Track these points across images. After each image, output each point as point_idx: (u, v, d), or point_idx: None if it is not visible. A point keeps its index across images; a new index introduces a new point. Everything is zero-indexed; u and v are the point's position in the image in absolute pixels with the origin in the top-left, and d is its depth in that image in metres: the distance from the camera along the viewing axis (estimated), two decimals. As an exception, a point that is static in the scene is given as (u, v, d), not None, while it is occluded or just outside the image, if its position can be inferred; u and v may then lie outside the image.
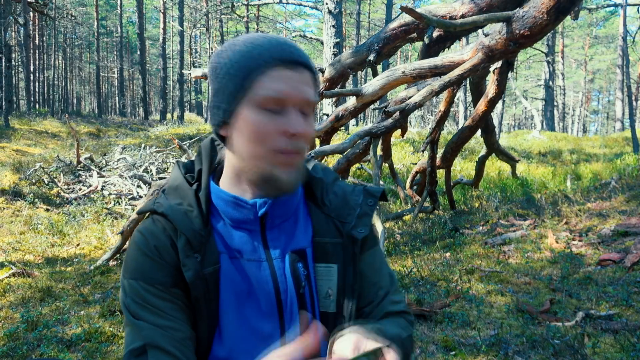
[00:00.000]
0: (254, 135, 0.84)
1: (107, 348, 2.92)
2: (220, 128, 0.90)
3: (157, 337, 0.83)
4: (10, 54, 16.34)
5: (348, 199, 0.99)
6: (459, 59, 4.74)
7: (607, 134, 32.09)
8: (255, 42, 0.86)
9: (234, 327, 0.89)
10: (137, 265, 0.89)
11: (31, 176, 8.44)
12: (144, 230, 0.92)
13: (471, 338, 2.86)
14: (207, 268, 0.88)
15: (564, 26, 29.21)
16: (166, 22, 27.32)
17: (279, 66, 0.83)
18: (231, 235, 0.92)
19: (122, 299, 0.89)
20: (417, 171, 7.05)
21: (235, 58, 0.85)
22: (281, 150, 0.85)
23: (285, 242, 0.94)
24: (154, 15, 40.27)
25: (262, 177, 0.88)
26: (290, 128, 0.84)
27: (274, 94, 0.83)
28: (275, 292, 0.91)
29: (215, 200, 0.93)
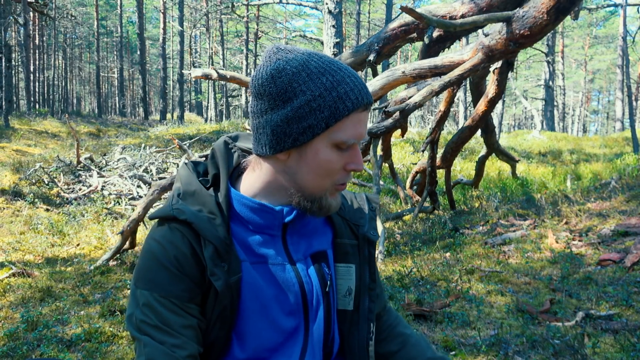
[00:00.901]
0: (322, 170, 0.87)
1: (107, 348, 2.91)
2: (282, 153, 0.88)
3: (159, 355, 0.82)
4: (10, 54, 16.34)
5: (358, 203, 1.06)
6: (459, 59, 4.74)
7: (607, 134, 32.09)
8: (337, 76, 0.85)
9: (256, 329, 0.90)
10: (153, 276, 0.87)
11: (31, 176, 8.44)
12: (162, 239, 0.88)
13: (471, 338, 2.86)
14: (232, 277, 0.88)
15: (564, 26, 29.21)
16: (166, 22, 27.32)
17: (359, 110, 0.85)
18: (253, 241, 0.92)
19: (131, 310, 0.87)
20: (417, 171, 7.05)
21: (317, 90, 0.83)
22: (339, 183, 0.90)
23: (306, 245, 0.97)
24: (154, 15, 40.26)
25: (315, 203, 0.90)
26: (355, 166, 0.89)
27: (351, 139, 0.86)
28: (301, 292, 0.94)
29: (237, 207, 0.92)
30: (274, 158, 0.89)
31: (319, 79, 0.84)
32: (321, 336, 0.96)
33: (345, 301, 0.99)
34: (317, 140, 0.85)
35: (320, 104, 0.83)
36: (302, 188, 0.89)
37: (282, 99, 0.84)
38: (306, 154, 0.86)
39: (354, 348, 0.98)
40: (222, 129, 15.80)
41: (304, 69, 0.84)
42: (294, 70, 0.84)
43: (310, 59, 0.86)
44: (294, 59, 0.86)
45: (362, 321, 0.99)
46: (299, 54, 0.87)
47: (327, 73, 0.85)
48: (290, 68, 0.85)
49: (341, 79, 0.85)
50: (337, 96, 0.83)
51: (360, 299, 0.99)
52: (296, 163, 0.88)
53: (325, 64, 0.86)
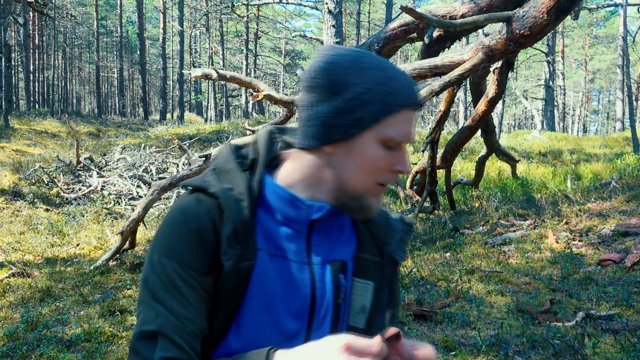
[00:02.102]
0: (368, 167, 0.86)
1: (106, 348, 2.91)
2: (329, 145, 0.88)
3: (170, 327, 0.82)
4: (10, 54, 16.34)
5: (390, 222, 1.03)
6: (459, 59, 4.74)
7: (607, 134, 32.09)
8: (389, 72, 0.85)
9: (257, 323, 0.89)
10: (173, 245, 0.86)
11: (31, 176, 8.44)
12: (186, 209, 0.88)
13: (471, 338, 2.85)
14: (244, 262, 0.87)
15: (564, 26, 29.20)
16: (166, 22, 27.32)
17: (409, 108, 0.85)
18: (277, 231, 0.91)
19: (147, 274, 0.86)
20: (417, 171, 7.05)
21: (370, 84, 0.84)
22: (383, 184, 0.89)
23: (328, 250, 0.94)
24: (154, 15, 40.26)
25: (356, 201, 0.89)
26: (401, 167, 0.88)
27: (400, 137, 0.85)
28: (311, 296, 0.91)
29: (269, 195, 0.91)
30: (319, 151, 0.89)
31: (371, 73, 0.84)
32: None
33: (358, 318, 0.96)
34: (366, 134, 0.85)
35: (371, 96, 0.84)
36: (345, 184, 0.88)
37: (332, 91, 0.85)
38: (354, 148, 0.86)
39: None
40: (222, 129, 15.80)
41: (355, 63, 0.85)
42: (346, 63, 0.85)
43: (362, 55, 0.87)
44: (347, 55, 0.87)
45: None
46: (350, 51, 0.88)
47: (379, 69, 0.85)
48: (343, 62, 0.86)
49: (393, 75, 0.85)
50: (388, 90, 0.84)
51: (374, 318, 0.97)
52: (343, 157, 0.87)
53: (377, 61, 0.87)
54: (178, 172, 5.95)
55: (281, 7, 31.44)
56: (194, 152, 10.69)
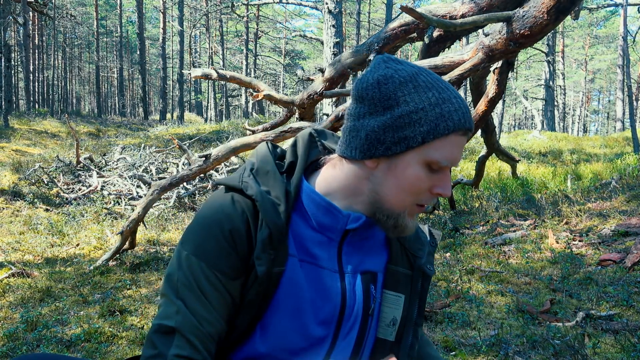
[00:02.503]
0: (408, 186, 0.84)
1: (106, 348, 2.91)
2: (371, 159, 0.86)
3: (188, 327, 0.82)
4: (10, 54, 16.34)
5: (419, 234, 1.02)
6: (459, 58, 4.74)
7: (607, 134, 32.08)
8: (444, 94, 0.83)
9: (284, 327, 0.88)
10: (204, 243, 0.85)
11: (31, 176, 8.44)
12: (221, 208, 0.86)
13: (471, 338, 2.85)
14: (276, 267, 0.86)
15: (564, 26, 29.21)
16: (166, 22, 27.31)
17: (459, 133, 0.83)
18: (309, 238, 0.90)
19: (173, 270, 0.85)
20: (417, 171, 7.05)
21: (422, 104, 0.81)
22: (421, 204, 0.87)
23: (358, 261, 0.94)
24: (154, 15, 40.25)
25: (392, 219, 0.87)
26: (442, 191, 0.85)
27: (445, 161, 0.83)
28: (341, 305, 0.91)
29: (305, 200, 0.90)
30: (360, 163, 0.87)
31: (425, 93, 0.82)
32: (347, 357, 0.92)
33: (388, 331, 0.95)
34: (410, 154, 0.83)
35: (421, 117, 0.81)
36: (383, 200, 0.86)
37: (383, 106, 0.83)
38: (396, 166, 0.84)
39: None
40: (222, 129, 15.81)
41: (411, 80, 0.83)
42: (401, 79, 0.83)
43: (420, 72, 0.85)
44: (403, 70, 0.84)
45: (402, 356, 0.95)
46: (408, 66, 0.85)
47: (434, 89, 0.83)
48: (398, 77, 0.84)
49: (447, 97, 0.83)
50: (440, 113, 0.81)
51: (403, 331, 0.96)
52: (383, 173, 0.85)
53: (433, 81, 0.84)
54: (178, 172, 5.94)
55: (281, 7, 31.45)
56: (193, 152, 10.69)
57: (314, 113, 6.78)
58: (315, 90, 6.07)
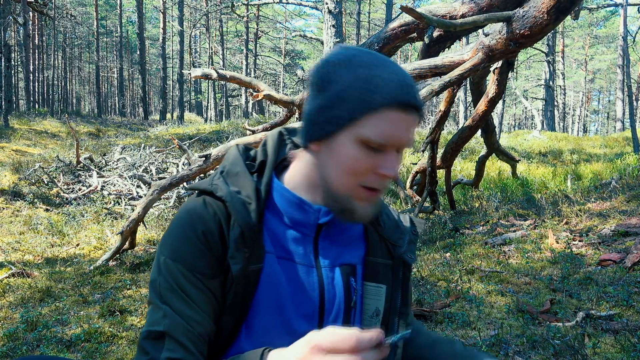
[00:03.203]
0: (346, 167, 0.83)
1: (106, 348, 2.91)
2: (313, 143, 0.86)
3: (177, 329, 0.82)
4: (10, 54, 16.33)
5: (399, 224, 1.01)
6: (459, 58, 4.74)
7: (607, 134, 32.09)
8: (375, 70, 0.80)
9: (267, 325, 0.88)
10: (180, 247, 0.86)
11: (31, 176, 8.44)
12: (193, 212, 0.87)
13: (471, 338, 2.85)
14: (252, 265, 0.86)
15: (564, 26, 29.21)
16: (166, 22, 27.31)
17: (394, 107, 0.79)
18: (284, 235, 0.90)
19: (154, 276, 0.86)
20: (417, 171, 7.05)
21: (350, 81, 0.80)
22: (367, 187, 0.84)
23: (336, 254, 0.93)
24: (154, 15, 40.25)
25: (339, 204, 0.86)
26: (384, 170, 0.83)
27: (379, 139, 0.80)
28: (320, 299, 0.91)
29: (277, 198, 0.91)
30: (310, 150, 0.88)
31: (356, 71, 0.81)
32: None
33: (372, 322, 0.95)
34: (343, 133, 0.82)
35: (349, 93, 0.80)
36: (328, 183, 0.86)
37: (319, 88, 0.84)
38: (334, 147, 0.83)
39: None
40: (222, 129, 15.80)
41: (346, 61, 0.82)
42: (337, 61, 0.83)
43: (359, 54, 0.83)
44: (343, 53, 0.84)
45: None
46: (353, 49, 0.85)
47: (368, 67, 0.81)
48: (335, 59, 0.84)
49: (379, 73, 0.80)
50: (367, 88, 0.79)
51: (388, 322, 0.96)
52: (326, 156, 0.85)
53: (370, 59, 0.82)
54: (178, 172, 5.95)
55: (281, 7, 31.45)
56: (193, 152, 10.69)
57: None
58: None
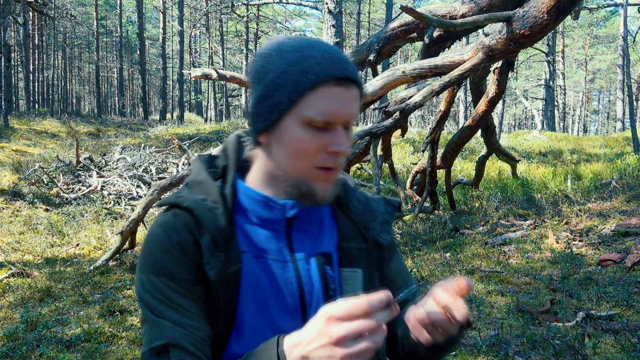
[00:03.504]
0: (295, 150, 0.84)
1: (106, 348, 2.91)
2: (260, 135, 0.88)
3: (179, 337, 0.82)
4: (10, 54, 16.33)
5: (370, 206, 1.01)
6: (459, 58, 4.74)
7: (607, 134, 32.09)
8: (305, 52, 0.83)
9: (254, 325, 0.89)
10: (157, 260, 0.87)
11: (31, 176, 8.43)
12: (165, 224, 0.89)
13: (471, 338, 2.85)
14: (230, 267, 0.87)
15: (564, 26, 29.20)
16: (166, 22, 27.32)
17: (330, 83, 0.81)
18: (256, 234, 0.91)
19: (140, 295, 0.87)
20: (417, 171, 7.05)
21: (283, 66, 0.82)
22: (321, 167, 0.85)
23: (310, 245, 0.94)
24: (154, 15, 40.25)
25: (299, 190, 0.87)
26: (334, 147, 0.84)
27: (321, 116, 0.81)
28: (299, 292, 0.91)
29: (243, 199, 0.92)
30: (261, 144, 0.89)
31: (288, 56, 0.83)
32: None
33: None
34: (286, 118, 0.83)
35: (284, 79, 0.82)
36: (285, 172, 0.87)
37: (256, 81, 0.86)
38: (281, 135, 0.84)
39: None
40: (222, 129, 15.80)
41: (276, 50, 0.84)
42: (267, 52, 0.85)
43: (287, 41, 0.85)
44: (273, 43, 0.86)
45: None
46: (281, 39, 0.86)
47: (297, 50, 0.83)
48: (266, 50, 0.86)
49: (310, 54, 0.82)
50: (300, 70, 0.81)
51: None
52: (275, 146, 0.86)
53: (300, 43, 0.84)
54: (178, 172, 5.94)
55: (281, 7, 31.45)
56: (193, 152, 10.69)
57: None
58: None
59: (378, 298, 0.69)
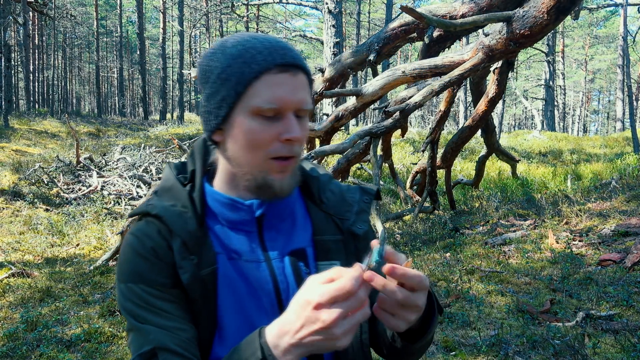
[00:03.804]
0: (248, 142, 0.84)
1: (106, 348, 2.91)
2: (214, 133, 0.88)
3: (165, 340, 0.82)
4: (10, 54, 16.34)
5: (345, 196, 1.00)
6: (459, 58, 4.74)
7: (607, 134, 32.09)
8: (247, 44, 0.83)
9: (234, 327, 0.89)
10: (134, 268, 0.87)
11: (31, 176, 8.44)
12: (138, 232, 0.90)
13: (471, 338, 2.85)
14: (204, 269, 0.87)
15: (564, 26, 29.20)
16: (166, 22, 27.32)
17: (274, 70, 0.82)
18: (228, 237, 0.91)
19: (122, 304, 0.88)
20: (417, 171, 7.05)
21: (227, 61, 0.83)
22: (276, 157, 0.85)
23: (284, 242, 0.93)
24: (154, 15, 40.26)
25: (256, 183, 0.87)
26: (285, 134, 0.83)
27: (268, 104, 0.81)
28: (275, 292, 0.91)
29: (211, 202, 0.92)
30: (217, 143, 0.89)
31: (231, 51, 0.84)
32: None
33: None
34: (235, 111, 0.83)
35: (229, 73, 0.83)
36: (240, 166, 0.87)
37: (203, 81, 0.87)
38: (232, 130, 0.85)
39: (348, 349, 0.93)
40: (222, 128, 15.78)
41: (220, 47, 0.86)
42: (211, 51, 0.87)
43: (229, 38, 0.86)
44: (216, 43, 0.88)
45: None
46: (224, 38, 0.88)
47: (239, 44, 0.84)
48: (210, 50, 0.87)
49: (252, 45, 0.83)
50: (243, 62, 0.82)
51: None
52: (229, 141, 0.86)
53: (241, 37, 0.85)
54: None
55: (281, 7, 31.46)
56: (194, 152, 10.68)
57: (314, 113, 6.78)
58: (315, 90, 6.07)
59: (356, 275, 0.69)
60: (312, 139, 6.34)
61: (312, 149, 6.28)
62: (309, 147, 6.50)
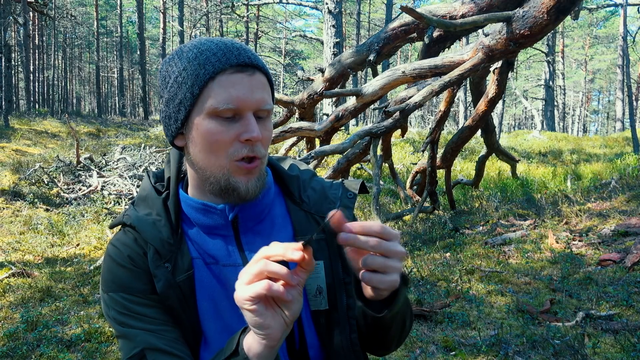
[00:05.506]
0: (207, 144, 0.83)
1: (106, 348, 2.91)
2: (175, 138, 0.88)
3: (152, 340, 0.83)
4: (10, 54, 16.33)
5: (327, 194, 0.98)
6: (459, 59, 4.74)
7: (607, 134, 32.09)
8: (202, 47, 0.84)
9: (215, 332, 0.89)
10: (114, 277, 0.88)
11: (31, 176, 8.44)
12: (116, 242, 0.91)
13: (471, 338, 2.86)
14: (180, 276, 0.87)
15: (564, 26, 29.20)
16: (166, 22, 27.32)
17: (229, 71, 0.81)
18: (205, 241, 0.91)
19: (107, 313, 0.89)
20: (417, 171, 7.05)
21: (183, 65, 0.83)
22: (238, 158, 0.83)
23: (263, 244, 0.87)
24: (154, 15, 40.25)
25: (220, 187, 0.86)
26: (245, 134, 0.82)
27: (224, 104, 0.80)
28: None
29: (185, 208, 0.92)
30: (181, 148, 0.90)
31: (185, 55, 0.84)
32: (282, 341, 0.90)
33: (317, 301, 0.92)
34: (193, 114, 0.83)
35: (184, 76, 0.83)
36: (205, 172, 0.86)
37: (162, 87, 0.87)
38: (192, 133, 0.84)
39: (338, 349, 0.92)
40: (222, 129, 15.78)
41: (177, 53, 0.86)
42: (170, 58, 0.87)
43: (187, 44, 0.87)
44: (174, 50, 0.88)
45: (342, 320, 0.92)
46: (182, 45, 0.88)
47: (194, 48, 0.84)
48: (168, 58, 0.88)
49: (206, 48, 0.83)
50: (198, 64, 0.82)
51: (336, 296, 0.93)
52: (191, 145, 0.86)
53: (197, 42, 0.86)
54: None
55: (281, 7, 31.45)
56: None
57: (314, 113, 6.78)
58: (315, 90, 6.08)
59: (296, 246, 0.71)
60: (312, 139, 6.34)
61: (312, 149, 6.29)
62: (309, 147, 6.50)
